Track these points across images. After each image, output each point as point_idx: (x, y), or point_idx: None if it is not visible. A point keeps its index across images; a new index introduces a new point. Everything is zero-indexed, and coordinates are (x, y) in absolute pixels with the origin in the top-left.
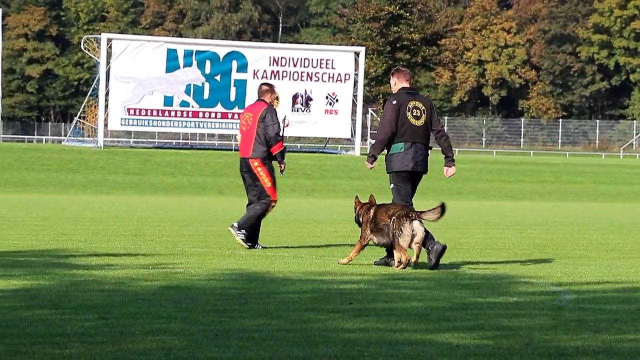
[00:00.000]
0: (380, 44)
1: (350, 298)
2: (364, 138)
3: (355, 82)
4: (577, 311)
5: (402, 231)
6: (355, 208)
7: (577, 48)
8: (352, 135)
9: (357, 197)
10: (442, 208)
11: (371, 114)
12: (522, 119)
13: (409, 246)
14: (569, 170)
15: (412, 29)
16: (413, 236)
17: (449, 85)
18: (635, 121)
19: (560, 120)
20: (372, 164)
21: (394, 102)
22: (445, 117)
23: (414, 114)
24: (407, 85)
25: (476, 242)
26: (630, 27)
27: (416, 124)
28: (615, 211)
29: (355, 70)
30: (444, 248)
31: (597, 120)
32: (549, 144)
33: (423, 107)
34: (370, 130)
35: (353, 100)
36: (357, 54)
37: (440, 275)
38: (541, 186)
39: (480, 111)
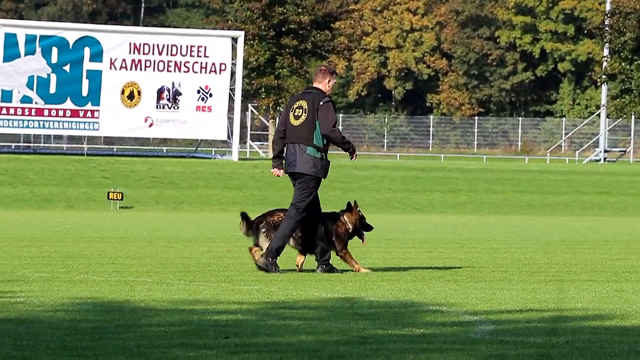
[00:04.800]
0: (263, 27)
1: (226, 331)
2: (242, 140)
3: (233, 73)
4: (495, 345)
5: None
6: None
7: (496, 32)
8: (228, 137)
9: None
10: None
11: (251, 111)
12: (431, 117)
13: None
14: (486, 178)
15: (300, 10)
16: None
17: (345, 76)
18: (564, 119)
19: (476, 118)
20: None
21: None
22: (340, 115)
23: (296, 113)
24: (313, 85)
25: (376, 263)
26: (558, 7)
27: (294, 123)
28: (541, 226)
29: (233, 59)
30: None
31: (520, 118)
32: (462, 146)
33: (305, 106)
34: (251, 130)
35: (230, 95)
36: (234, 39)
37: (334, 304)
38: (454, 196)
39: (382, 107)
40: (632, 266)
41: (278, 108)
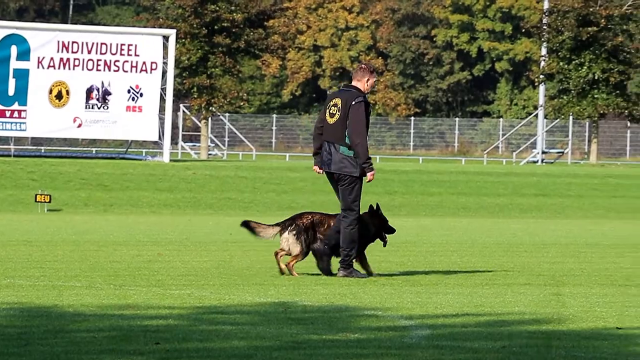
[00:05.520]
0: (195, 25)
1: (156, 337)
2: (174, 141)
3: (164, 73)
4: (431, 350)
5: None
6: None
7: (433, 31)
8: (160, 138)
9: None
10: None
11: (183, 111)
12: None
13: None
14: (422, 179)
15: (233, 8)
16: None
17: (279, 76)
18: (501, 119)
19: (412, 118)
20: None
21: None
22: (274, 115)
23: (331, 111)
24: (351, 83)
25: (310, 267)
26: (495, 5)
27: (330, 121)
28: (477, 228)
29: (164, 57)
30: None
31: (457, 119)
32: (398, 147)
33: (340, 104)
34: (182, 130)
35: (161, 95)
36: (166, 38)
37: (267, 309)
38: (389, 198)
39: (317, 107)
40: (569, 269)
41: (210, 108)
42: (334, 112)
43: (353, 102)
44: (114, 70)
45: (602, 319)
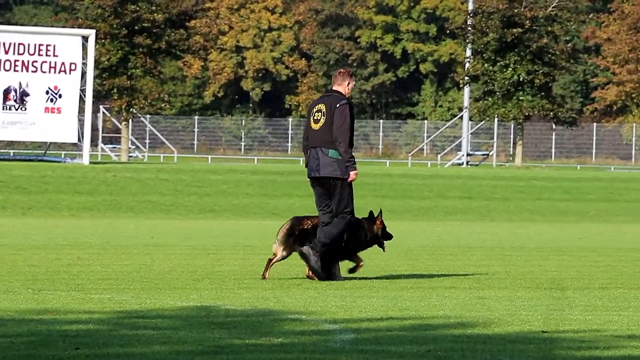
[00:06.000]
0: (115, 26)
1: (76, 342)
2: (94, 143)
3: (84, 74)
4: (355, 354)
5: None
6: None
7: (357, 32)
8: (79, 140)
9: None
10: None
11: (103, 112)
12: (290, 119)
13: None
14: None
15: (153, 8)
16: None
17: (201, 77)
18: (426, 121)
19: None
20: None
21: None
22: (196, 117)
23: (315, 117)
24: (332, 88)
25: (233, 270)
26: (419, 6)
27: (315, 127)
28: (402, 231)
29: (84, 58)
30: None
31: (381, 121)
32: None
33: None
34: (102, 132)
35: (80, 96)
36: (85, 38)
37: (189, 313)
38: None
39: (239, 109)
40: (494, 273)
41: (131, 110)
42: (319, 118)
43: (337, 105)
44: (32, 71)
45: (527, 323)
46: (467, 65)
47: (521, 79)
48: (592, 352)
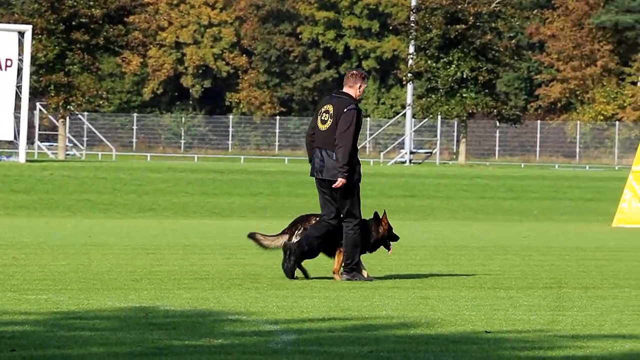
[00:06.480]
0: (52, 21)
1: (12, 344)
2: (30, 140)
3: (20, 70)
4: (297, 355)
5: None
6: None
7: (299, 28)
8: (15, 137)
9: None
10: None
11: (40, 109)
12: (231, 116)
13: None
14: (288, 180)
15: (91, 3)
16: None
17: (140, 73)
18: (368, 118)
19: (278, 117)
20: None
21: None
22: (135, 115)
23: (323, 117)
24: (343, 89)
25: (173, 271)
26: (362, 2)
27: (322, 128)
28: None
29: (20, 54)
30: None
31: None
32: (263, 148)
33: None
34: (39, 130)
35: (17, 93)
36: (21, 34)
37: (128, 314)
38: (255, 200)
39: (179, 106)
40: (438, 272)
41: (68, 107)
42: (326, 119)
43: (345, 110)
44: None
45: (470, 323)
46: (410, 62)
47: (465, 76)
48: (536, 352)
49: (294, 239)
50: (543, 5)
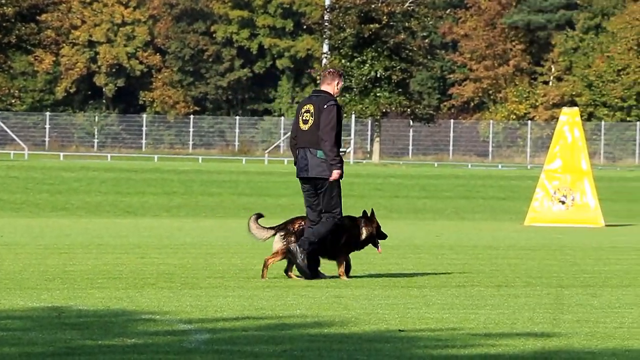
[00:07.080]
0: None
1: None
2: None
3: None
4: (211, 354)
5: None
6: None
7: (212, 27)
8: None
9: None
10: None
11: None
12: (144, 115)
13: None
14: (202, 179)
15: (3, 1)
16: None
17: (52, 72)
18: (282, 118)
19: (192, 116)
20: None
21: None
22: (47, 113)
23: (304, 118)
24: (321, 87)
25: (86, 270)
26: (276, 1)
27: (303, 128)
28: None
29: None
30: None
31: (237, 117)
32: (177, 146)
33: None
34: None
35: None
36: None
37: (40, 313)
38: (168, 199)
39: (92, 105)
40: (352, 271)
41: None
42: (307, 118)
43: (325, 106)
44: None
45: (384, 321)
46: (324, 61)
47: (378, 75)
48: (449, 350)
49: (277, 236)
50: (456, 4)
